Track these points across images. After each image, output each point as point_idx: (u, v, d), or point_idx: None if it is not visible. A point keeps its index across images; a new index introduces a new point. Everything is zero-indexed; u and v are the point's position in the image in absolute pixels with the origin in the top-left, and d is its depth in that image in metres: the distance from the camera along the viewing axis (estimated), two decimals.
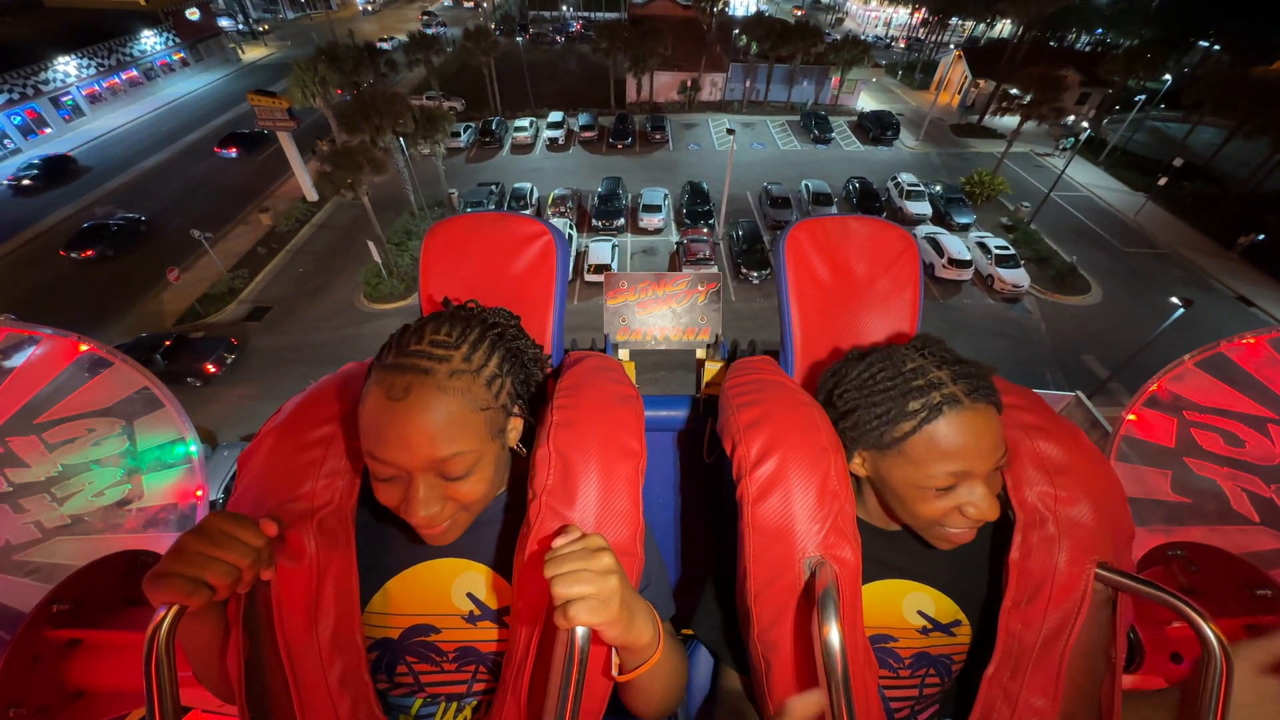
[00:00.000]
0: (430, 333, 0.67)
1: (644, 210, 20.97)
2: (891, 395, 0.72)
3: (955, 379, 0.71)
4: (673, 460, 1.25)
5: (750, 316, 17.26)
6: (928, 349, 0.75)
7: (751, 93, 31.61)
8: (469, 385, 0.65)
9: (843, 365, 0.83)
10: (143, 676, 0.54)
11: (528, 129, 27.69)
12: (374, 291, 17.56)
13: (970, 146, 28.67)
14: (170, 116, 30.28)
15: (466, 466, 0.65)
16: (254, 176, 24.77)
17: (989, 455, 0.69)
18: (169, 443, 1.33)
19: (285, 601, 0.68)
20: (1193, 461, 1.26)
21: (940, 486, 0.71)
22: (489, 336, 0.71)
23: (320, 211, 22.62)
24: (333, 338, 16.49)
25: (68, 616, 0.96)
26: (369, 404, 0.64)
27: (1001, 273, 18.00)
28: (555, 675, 0.57)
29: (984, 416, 0.69)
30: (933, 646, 0.85)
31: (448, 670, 0.80)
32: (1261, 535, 1.19)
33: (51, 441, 1.21)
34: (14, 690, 0.87)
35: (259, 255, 19.78)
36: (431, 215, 20.90)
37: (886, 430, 0.73)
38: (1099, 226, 22.35)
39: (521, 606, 0.70)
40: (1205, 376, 1.22)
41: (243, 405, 14.19)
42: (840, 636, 0.57)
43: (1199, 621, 0.60)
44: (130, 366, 1.27)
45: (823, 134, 28.10)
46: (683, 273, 1.32)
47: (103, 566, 1.04)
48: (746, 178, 24.03)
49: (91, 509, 1.28)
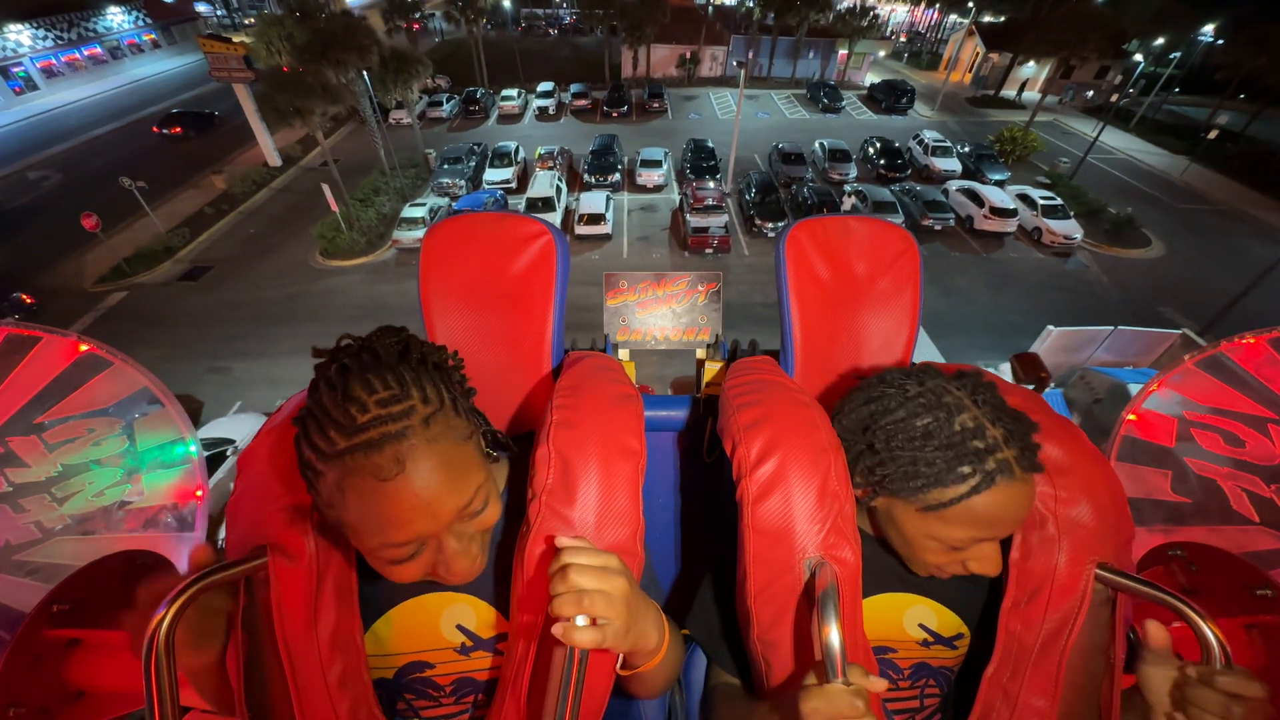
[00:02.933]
0: (364, 394, 0.55)
1: (642, 165, 18.75)
2: (944, 455, 0.65)
3: (1008, 440, 0.65)
4: (673, 460, 1.21)
5: (766, 270, 14.91)
6: (979, 396, 0.68)
7: (754, 67, 29.83)
8: (447, 421, 0.59)
9: (879, 392, 0.74)
10: (143, 676, 0.54)
11: (515, 98, 25.69)
12: (331, 246, 15.17)
13: (990, 116, 26.78)
14: (132, 95, 28.32)
15: (485, 498, 0.63)
16: (212, 147, 22.59)
17: (1018, 524, 0.69)
18: (169, 443, 1.34)
19: (285, 601, 0.67)
20: (1193, 461, 1.25)
21: (958, 546, 0.69)
22: (409, 368, 0.60)
23: (283, 176, 20.38)
24: (277, 295, 14.04)
25: (68, 616, 0.95)
26: (353, 500, 0.55)
27: (1050, 224, 15.82)
28: (555, 675, 0.58)
29: (1029, 488, 0.66)
30: (933, 658, 0.84)
31: (446, 704, 0.80)
32: (1261, 535, 1.18)
33: (51, 441, 1.21)
34: (14, 690, 0.87)
35: (206, 216, 17.44)
36: (404, 175, 18.64)
37: (930, 490, 0.67)
38: (1145, 185, 20.38)
39: (521, 605, 0.69)
40: (1205, 376, 1.23)
41: (154, 368, 11.66)
42: (840, 637, 0.57)
43: (1199, 621, 0.63)
44: (130, 366, 1.28)
45: (832, 102, 26.22)
46: (683, 273, 1.28)
47: (103, 566, 1.03)
48: (754, 142, 21.98)
49: (91, 509, 1.27)
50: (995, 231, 16.13)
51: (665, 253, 15.58)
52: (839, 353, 0.99)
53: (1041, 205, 16.18)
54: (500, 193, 17.13)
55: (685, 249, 15.42)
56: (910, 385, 0.70)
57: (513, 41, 35.77)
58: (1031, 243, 16.22)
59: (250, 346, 12.32)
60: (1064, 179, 19.28)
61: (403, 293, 13.92)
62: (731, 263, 15.14)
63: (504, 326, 0.96)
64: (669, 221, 16.97)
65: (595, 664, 0.67)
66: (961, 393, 0.68)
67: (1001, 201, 16.20)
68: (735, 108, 19.15)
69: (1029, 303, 13.72)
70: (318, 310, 13.50)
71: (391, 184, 18.32)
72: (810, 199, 16.39)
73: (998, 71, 29.84)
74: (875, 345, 0.99)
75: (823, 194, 16.57)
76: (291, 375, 11.16)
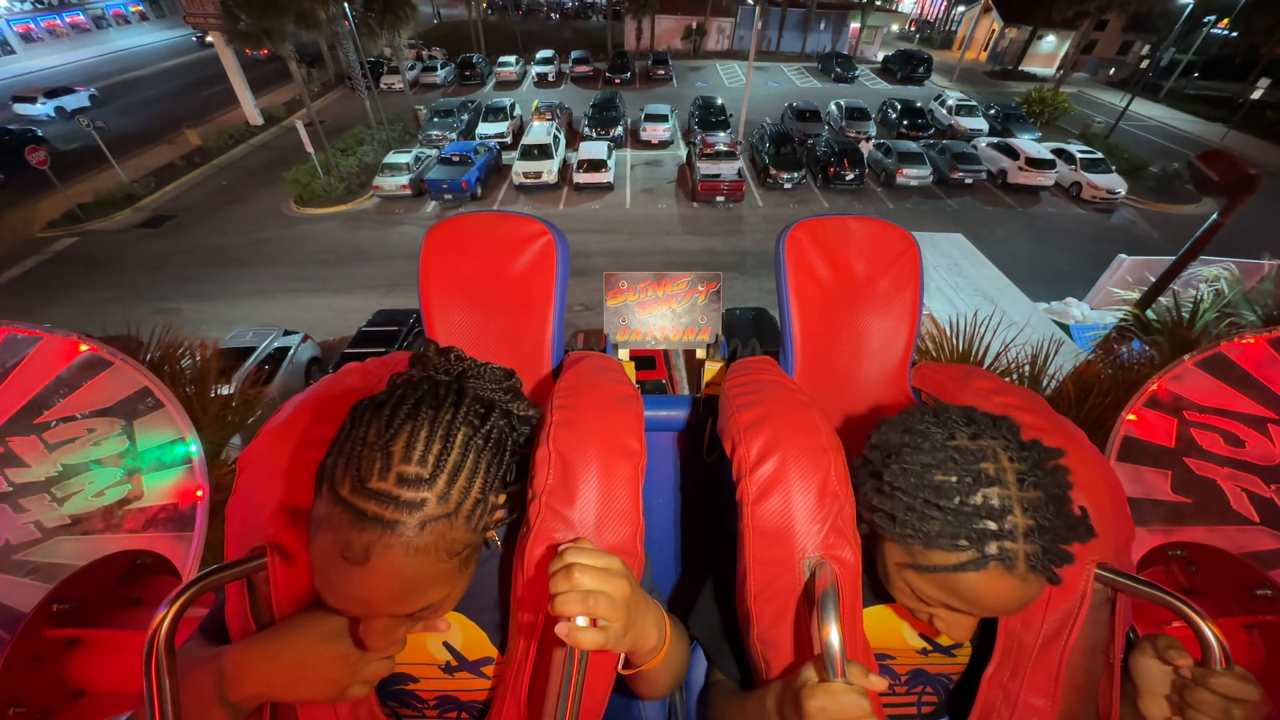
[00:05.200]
0: (400, 459, 0.51)
1: (646, 120, 17.48)
2: (945, 520, 0.58)
3: (1031, 534, 0.56)
4: (673, 460, 1.21)
5: (785, 221, 13.50)
6: (1033, 478, 0.57)
7: (763, 40, 28.63)
8: (445, 531, 0.53)
9: (922, 425, 0.65)
10: (143, 676, 0.54)
11: (514, 64, 24.48)
12: (306, 192, 13.86)
13: (1010, 88, 25.54)
14: (111, 64, 27.13)
15: (435, 610, 0.58)
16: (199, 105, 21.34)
17: (1002, 614, 0.65)
18: (169, 442, 1.33)
19: (285, 600, 0.66)
20: (1193, 461, 1.24)
21: (927, 602, 0.64)
22: (474, 444, 0.55)
23: (264, 133, 19.12)
24: (242, 240, 12.71)
25: (68, 616, 0.95)
26: (321, 543, 0.51)
27: (1091, 178, 14.52)
28: (555, 675, 0.59)
29: (1028, 589, 0.58)
30: (930, 665, 0.83)
31: (429, 716, 0.79)
32: (1261, 535, 1.18)
33: (51, 441, 1.21)
34: (14, 690, 0.87)
35: (176, 168, 16.15)
36: (391, 130, 17.35)
37: (913, 545, 0.61)
38: (1184, 149, 19.06)
39: (521, 605, 0.68)
40: (1205, 376, 1.22)
41: (91, 310, 10.34)
42: (840, 637, 0.57)
43: (1198, 622, 0.63)
44: (130, 366, 1.27)
45: (846, 72, 24.99)
46: (683, 273, 1.27)
47: (103, 566, 1.03)
48: (765, 107, 20.73)
49: (91, 509, 1.27)
50: (1031, 185, 14.82)
51: (671, 204, 14.24)
52: (839, 353, 0.99)
53: (1081, 159, 14.89)
54: (495, 144, 15.82)
55: (694, 199, 14.10)
56: (960, 434, 0.61)
57: (514, 24, 34.72)
58: (1069, 199, 14.92)
59: (207, 289, 10.99)
60: (1099, 139, 18.00)
61: (381, 239, 12.57)
62: (745, 212, 13.80)
63: (504, 326, 0.96)
64: (675, 175, 15.66)
65: (595, 664, 0.67)
66: (1012, 464, 0.58)
67: (1038, 153, 14.90)
68: (743, 78, 17.93)
69: (1076, 253, 12.37)
70: (285, 254, 12.16)
71: (377, 136, 17.03)
72: (830, 148, 15.06)
73: (1015, 47, 28.66)
74: (875, 345, 0.98)
75: (843, 144, 15.25)
76: (249, 316, 9.81)
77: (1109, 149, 16.97)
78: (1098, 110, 22.57)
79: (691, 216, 13.69)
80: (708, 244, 12.51)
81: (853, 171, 14.56)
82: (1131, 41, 27.80)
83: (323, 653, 0.61)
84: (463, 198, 13.66)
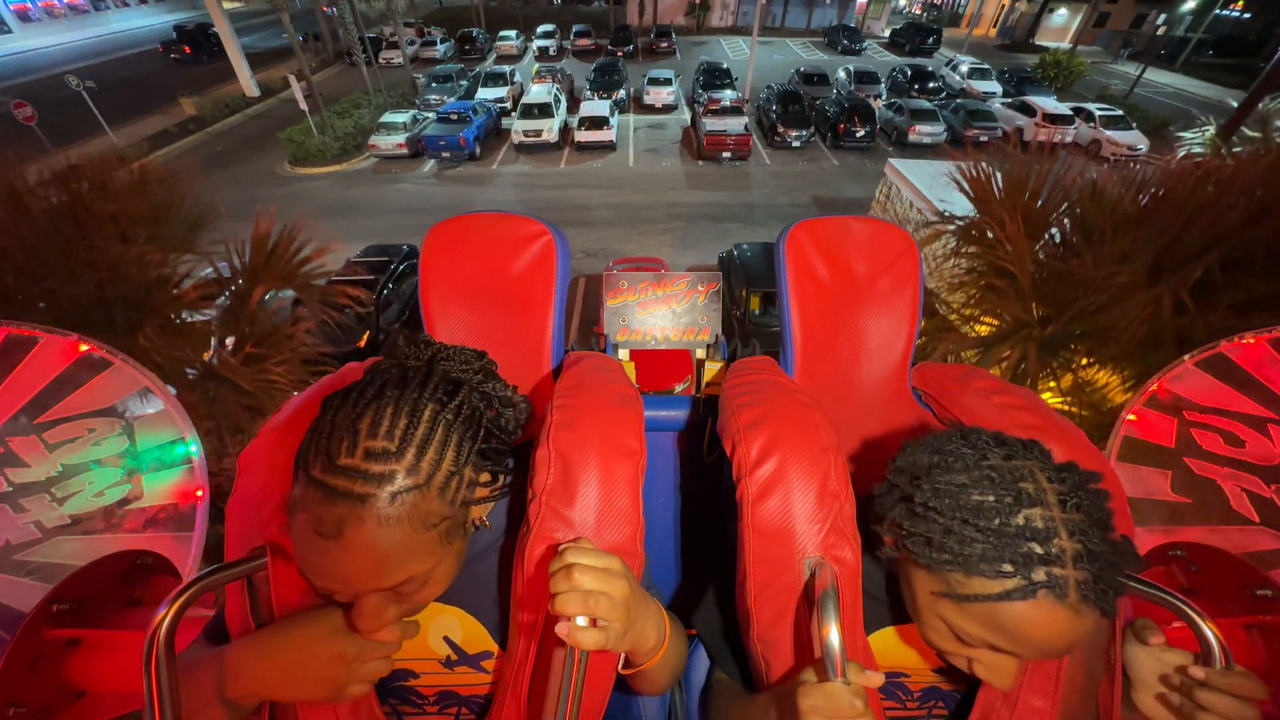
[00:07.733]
0: (366, 435, 0.52)
1: (649, 84, 17.05)
2: (987, 541, 0.54)
3: (1080, 560, 0.52)
4: (673, 460, 1.19)
5: (794, 177, 13.13)
6: (1074, 499, 0.54)
7: (768, 16, 28.11)
8: (417, 502, 0.53)
9: (952, 446, 0.62)
10: (143, 676, 0.55)
11: (514, 38, 24.08)
12: (300, 151, 13.50)
13: (1022, 59, 24.97)
14: (108, 45, 26.84)
15: (420, 583, 0.58)
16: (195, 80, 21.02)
17: (1053, 655, 0.57)
18: (169, 442, 1.33)
19: (285, 600, 0.67)
20: (1193, 461, 1.25)
21: (968, 642, 0.59)
22: (443, 418, 0.56)
23: (261, 104, 18.76)
24: (232, 198, 12.31)
25: (68, 616, 0.94)
26: (297, 523, 0.53)
27: (1112, 135, 14.00)
28: (555, 674, 0.60)
29: (1081, 624, 0.53)
30: (945, 683, 0.82)
31: (430, 712, 0.80)
32: (1261, 535, 1.18)
33: (51, 441, 1.21)
34: (14, 690, 0.87)
35: (169, 134, 15.81)
36: (388, 96, 16.96)
37: (953, 573, 0.56)
38: (1204, 113, 18.47)
39: (521, 605, 0.68)
40: (1205, 376, 1.22)
41: None
42: (840, 637, 0.57)
43: (1198, 622, 0.63)
44: (130, 366, 1.27)
45: (853, 43, 24.47)
46: (683, 273, 1.27)
47: (103, 566, 1.02)
48: (770, 76, 20.24)
49: (91, 509, 1.27)
50: (1049, 143, 14.31)
51: (676, 162, 13.81)
52: (839, 353, 0.99)
53: (1100, 116, 14.37)
54: (494, 107, 15.41)
55: (699, 157, 13.66)
56: (992, 455, 0.59)
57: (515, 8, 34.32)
58: (1089, 157, 14.39)
59: None
60: (1118, 100, 17.44)
61: (376, 195, 12.18)
62: (752, 170, 13.36)
63: (504, 326, 0.96)
64: (679, 136, 15.23)
65: (595, 663, 0.67)
66: (1051, 485, 0.55)
67: (1056, 108, 14.40)
68: (748, 51, 17.44)
69: None
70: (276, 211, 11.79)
71: (375, 101, 16.64)
72: (840, 106, 14.58)
73: (1026, 20, 28.06)
74: (875, 345, 0.98)
75: (853, 100, 14.76)
76: None
77: (1128, 108, 16.43)
78: (1113, 78, 22.00)
79: (697, 173, 13.25)
80: (714, 198, 12.07)
81: (863, 129, 14.09)
82: (1145, 13, 27.14)
83: (319, 652, 0.60)
84: (461, 155, 13.25)
